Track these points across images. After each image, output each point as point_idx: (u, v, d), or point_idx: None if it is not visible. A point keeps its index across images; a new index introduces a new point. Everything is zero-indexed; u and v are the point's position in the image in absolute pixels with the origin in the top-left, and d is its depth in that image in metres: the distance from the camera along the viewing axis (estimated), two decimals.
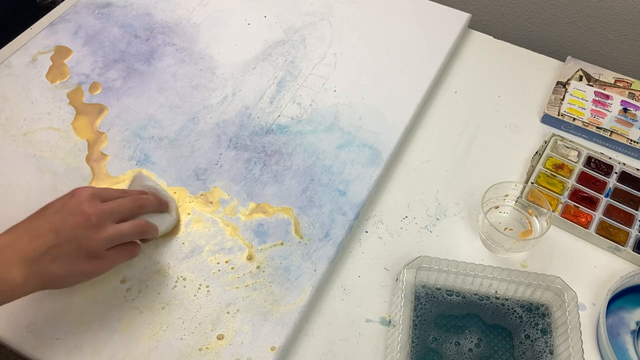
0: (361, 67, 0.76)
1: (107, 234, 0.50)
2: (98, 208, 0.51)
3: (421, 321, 0.57)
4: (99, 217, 0.50)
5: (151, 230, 0.55)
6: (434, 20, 0.82)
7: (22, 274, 0.46)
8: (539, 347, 0.56)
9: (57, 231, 0.48)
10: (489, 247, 0.62)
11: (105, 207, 0.51)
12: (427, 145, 0.71)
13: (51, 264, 0.48)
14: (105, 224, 0.51)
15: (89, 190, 0.52)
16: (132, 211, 0.54)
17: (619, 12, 0.86)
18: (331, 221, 0.62)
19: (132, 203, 0.54)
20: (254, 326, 0.55)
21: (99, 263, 0.51)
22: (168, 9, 0.82)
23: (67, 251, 0.48)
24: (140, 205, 0.55)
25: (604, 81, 0.76)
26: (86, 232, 0.49)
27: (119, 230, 0.51)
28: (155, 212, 0.58)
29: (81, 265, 0.49)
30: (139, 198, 0.56)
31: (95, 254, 0.50)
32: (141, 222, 0.54)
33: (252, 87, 0.74)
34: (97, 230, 0.50)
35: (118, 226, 0.51)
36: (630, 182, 0.67)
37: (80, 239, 0.49)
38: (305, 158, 0.67)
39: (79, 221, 0.49)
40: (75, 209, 0.50)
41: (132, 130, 0.69)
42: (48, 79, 0.74)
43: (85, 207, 0.50)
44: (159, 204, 0.58)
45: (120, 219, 0.52)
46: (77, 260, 0.49)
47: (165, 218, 0.59)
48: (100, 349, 0.53)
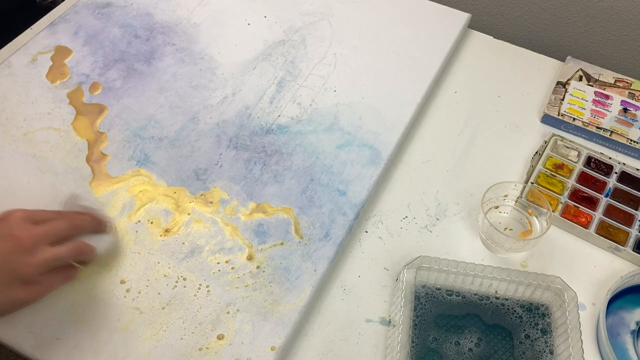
0: (361, 67, 0.77)
1: (42, 257, 0.47)
2: (31, 231, 0.48)
3: (421, 321, 0.57)
4: (32, 241, 0.47)
5: (89, 252, 0.52)
6: (434, 20, 0.82)
7: None
8: (539, 347, 0.56)
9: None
10: (489, 247, 0.62)
11: (39, 230, 0.48)
12: (427, 145, 0.71)
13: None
14: (39, 247, 0.47)
15: (20, 213, 0.49)
16: (67, 232, 0.50)
17: (619, 12, 0.86)
18: (331, 221, 0.62)
19: (68, 223, 0.51)
20: (254, 326, 0.55)
21: (33, 289, 0.48)
22: (168, 9, 0.82)
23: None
24: (75, 226, 0.51)
25: (604, 81, 0.76)
26: (19, 257, 0.46)
27: (55, 253, 0.48)
28: (92, 233, 0.54)
29: (14, 292, 0.47)
30: (74, 219, 0.52)
31: (29, 279, 0.47)
32: (78, 245, 0.51)
33: (252, 87, 0.74)
34: (30, 254, 0.47)
35: (54, 249, 0.48)
36: (630, 182, 0.67)
37: (12, 265, 0.46)
38: (305, 158, 0.67)
39: (10, 247, 0.46)
40: (6, 233, 0.47)
41: (132, 130, 0.69)
42: (48, 79, 0.74)
43: (16, 231, 0.47)
44: (96, 224, 0.54)
45: (55, 241, 0.49)
46: (9, 287, 0.46)
47: (103, 239, 0.55)
48: (100, 349, 0.53)
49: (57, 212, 0.53)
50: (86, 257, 0.52)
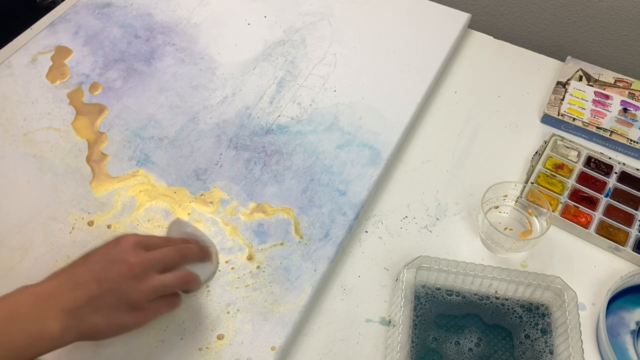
0: (361, 67, 0.77)
1: (151, 285, 0.48)
2: (142, 258, 0.48)
3: (421, 321, 0.57)
4: (143, 268, 0.48)
5: (194, 281, 0.52)
6: (434, 20, 0.82)
7: (60, 326, 0.44)
8: (539, 347, 0.56)
9: (99, 281, 0.46)
10: (489, 247, 0.62)
11: (150, 257, 0.49)
12: (427, 145, 0.71)
13: (91, 315, 0.45)
14: (149, 274, 0.48)
15: (133, 238, 0.50)
16: (175, 261, 0.51)
17: (619, 12, 0.86)
18: (331, 221, 0.62)
19: (176, 253, 0.51)
20: (254, 326, 0.55)
21: (140, 315, 0.48)
22: (168, 9, 0.82)
23: (108, 302, 0.46)
24: (183, 255, 0.52)
25: (604, 81, 0.76)
26: (129, 282, 0.47)
27: (163, 281, 0.49)
28: (197, 262, 0.54)
29: (122, 317, 0.47)
30: (183, 248, 0.52)
31: (137, 305, 0.47)
32: (185, 274, 0.51)
33: (252, 87, 0.74)
34: (140, 281, 0.47)
35: (162, 277, 0.49)
36: (630, 182, 0.67)
37: (123, 290, 0.47)
38: (305, 158, 0.67)
39: (122, 271, 0.47)
40: (119, 258, 0.48)
41: (132, 130, 0.69)
42: (48, 79, 0.74)
43: (129, 257, 0.48)
44: (201, 253, 0.54)
45: (163, 269, 0.49)
46: (118, 311, 0.47)
47: (207, 267, 0.54)
48: (101, 349, 0.53)
49: (167, 239, 0.53)
50: (190, 287, 0.52)
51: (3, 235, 0.60)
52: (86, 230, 0.61)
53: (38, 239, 0.60)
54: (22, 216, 0.62)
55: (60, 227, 0.61)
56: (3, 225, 0.61)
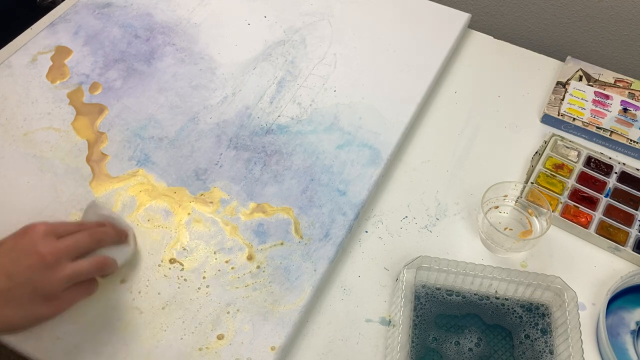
0: (361, 67, 0.77)
1: (64, 274, 0.47)
2: (53, 247, 0.47)
3: (421, 321, 0.57)
4: (55, 257, 0.47)
5: (110, 265, 0.52)
6: (434, 20, 0.82)
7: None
8: (539, 347, 0.56)
9: (9, 275, 0.45)
10: (489, 247, 0.62)
11: (62, 245, 0.48)
12: (427, 145, 0.71)
13: (4, 308, 0.45)
14: (62, 263, 0.47)
15: (42, 227, 0.48)
16: (89, 247, 0.51)
17: (619, 12, 0.86)
18: (331, 221, 0.62)
19: (90, 238, 0.51)
20: (254, 326, 0.55)
21: (55, 304, 0.48)
22: (168, 9, 0.82)
23: (20, 295, 0.45)
24: (97, 239, 0.52)
25: (604, 81, 0.76)
26: (42, 273, 0.46)
27: (77, 269, 0.48)
28: (113, 245, 0.54)
29: (36, 308, 0.46)
30: (96, 232, 0.52)
31: (51, 295, 0.47)
32: (99, 259, 0.51)
33: (252, 87, 0.74)
34: (53, 270, 0.46)
35: (75, 265, 0.48)
36: (630, 182, 0.67)
37: (35, 282, 0.46)
38: (305, 158, 0.67)
39: (33, 262, 0.46)
40: (29, 249, 0.47)
41: (132, 130, 0.69)
42: (48, 79, 0.74)
43: (39, 247, 0.47)
44: (117, 235, 0.54)
45: (77, 256, 0.49)
46: (31, 304, 0.46)
47: (124, 250, 0.55)
48: (100, 349, 0.53)
49: (79, 224, 0.53)
50: (107, 272, 0.52)
51: (3, 235, 0.60)
52: None
53: None
54: (22, 216, 0.62)
55: None
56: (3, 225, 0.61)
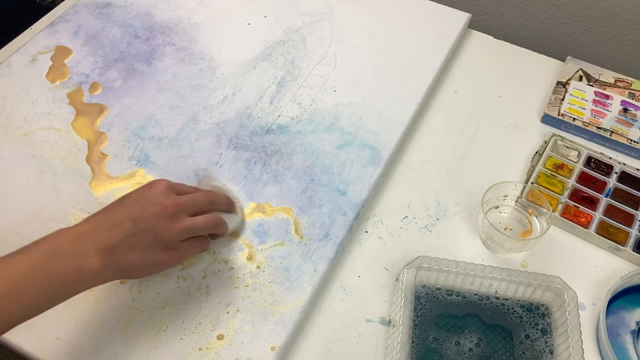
0: (361, 67, 0.76)
1: (183, 225, 0.51)
2: (175, 200, 0.52)
3: (421, 321, 0.57)
4: (175, 209, 0.51)
5: (223, 225, 0.56)
6: (434, 20, 0.82)
7: (98, 263, 0.47)
8: (539, 347, 0.56)
9: (134, 220, 0.49)
10: (489, 247, 0.62)
11: (182, 200, 0.52)
12: (427, 145, 0.71)
13: (127, 252, 0.48)
14: (181, 215, 0.52)
15: (165, 183, 0.53)
16: (205, 206, 0.55)
17: (619, 12, 0.86)
18: (331, 221, 0.62)
19: (206, 198, 0.56)
20: (254, 326, 0.55)
21: (172, 254, 0.51)
22: (168, 9, 0.82)
23: (143, 240, 0.49)
24: (212, 201, 0.57)
25: (604, 81, 0.76)
26: (163, 222, 0.50)
27: (194, 222, 0.52)
28: (224, 211, 0.59)
29: (156, 255, 0.50)
30: (212, 194, 0.57)
31: (170, 244, 0.51)
32: (215, 217, 0.55)
33: (252, 87, 0.74)
34: (173, 221, 0.51)
35: (193, 219, 0.53)
36: (630, 182, 0.67)
37: (157, 229, 0.50)
38: (305, 158, 0.67)
39: (156, 211, 0.50)
40: (153, 199, 0.51)
41: (132, 130, 0.69)
42: (48, 79, 0.74)
43: (162, 199, 0.51)
44: (228, 203, 0.59)
45: (194, 213, 0.53)
46: (152, 250, 0.50)
47: (232, 218, 0.59)
48: (100, 349, 0.53)
49: (196, 188, 0.58)
50: (219, 231, 0.56)
51: (3, 235, 0.60)
52: None
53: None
54: (22, 216, 0.62)
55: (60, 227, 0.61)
56: (3, 225, 0.61)
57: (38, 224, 0.61)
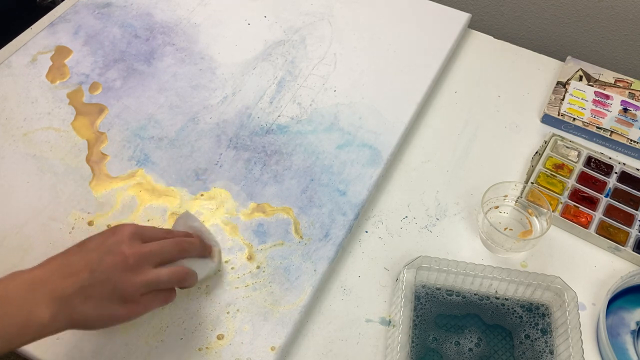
0: (361, 67, 0.76)
1: (144, 279, 0.47)
2: (138, 250, 0.47)
3: (421, 321, 0.57)
4: (137, 260, 0.47)
5: (189, 278, 0.51)
6: (434, 20, 0.82)
7: (49, 313, 0.43)
8: (539, 347, 0.56)
9: (92, 270, 0.45)
10: (489, 247, 0.62)
11: (146, 250, 0.48)
12: (427, 145, 0.71)
13: (82, 304, 0.45)
14: (143, 267, 0.47)
15: (131, 229, 0.49)
16: (172, 255, 0.50)
17: (619, 12, 0.86)
18: (331, 221, 0.62)
19: (175, 247, 0.51)
20: (254, 326, 0.55)
21: (131, 308, 0.47)
22: (168, 9, 0.82)
23: (100, 293, 0.45)
24: (182, 249, 0.51)
25: (604, 81, 0.76)
26: (122, 274, 0.46)
27: (157, 276, 0.48)
28: (197, 257, 0.54)
29: (113, 308, 0.46)
30: (182, 242, 0.52)
31: (129, 298, 0.47)
32: (181, 271, 0.50)
33: (252, 87, 0.74)
34: (133, 273, 0.47)
35: (156, 272, 0.48)
36: (630, 182, 0.67)
37: (114, 281, 0.46)
38: (305, 158, 0.67)
39: (116, 262, 0.46)
40: (114, 248, 0.47)
41: (132, 130, 0.69)
42: (48, 79, 0.74)
43: (124, 247, 0.47)
44: (202, 249, 0.54)
45: (159, 263, 0.49)
46: (109, 303, 0.46)
47: (207, 264, 0.55)
48: (100, 349, 0.53)
49: (167, 232, 0.53)
50: (185, 284, 0.51)
51: (3, 235, 0.60)
52: (86, 230, 0.61)
53: (38, 239, 0.60)
54: (22, 216, 0.62)
55: (60, 227, 0.61)
56: (3, 225, 0.61)
57: (38, 224, 0.61)
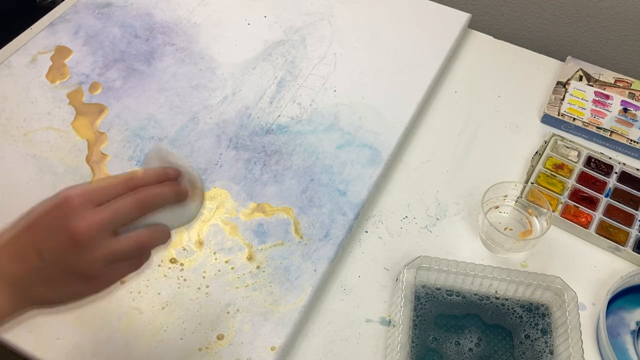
0: (361, 67, 0.76)
1: (101, 253, 0.40)
2: (88, 222, 0.40)
3: (421, 321, 0.57)
4: (88, 235, 0.40)
5: (158, 239, 0.44)
6: (434, 20, 0.82)
7: (7, 298, 0.40)
8: (539, 347, 0.56)
9: (40, 252, 0.40)
10: (489, 247, 0.62)
11: (97, 219, 0.40)
12: (427, 145, 0.71)
13: (39, 286, 0.41)
14: (97, 241, 0.40)
15: (77, 198, 0.41)
16: (133, 216, 0.43)
17: (619, 12, 0.86)
18: (331, 221, 0.62)
19: (135, 205, 0.42)
20: (254, 326, 0.55)
21: (95, 283, 0.42)
22: (168, 9, 0.82)
23: (54, 274, 0.41)
24: (144, 206, 0.43)
25: (604, 81, 0.76)
26: (74, 254, 0.40)
27: (115, 248, 0.41)
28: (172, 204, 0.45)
29: (74, 286, 0.42)
30: (144, 198, 0.43)
31: (89, 274, 0.41)
32: (143, 238, 0.43)
33: (252, 87, 0.74)
34: (87, 251, 0.40)
35: (114, 243, 0.41)
36: (630, 182, 0.67)
37: (67, 262, 0.40)
38: (305, 158, 0.67)
39: (63, 241, 0.40)
40: (60, 224, 0.40)
41: (132, 130, 0.69)
42: (48, 79, 0.74)
43: (72, 222, 0.40)
44: (175, 195, 0.45)
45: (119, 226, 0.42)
46: (68, 282, 0.41)
47: (183, 212, 0.46)
48: (100, 349, 0.53)
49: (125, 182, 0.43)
50: (157, 245, 0.44)
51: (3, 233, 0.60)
52: None
53: None
54: None
55: None
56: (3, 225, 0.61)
57: None
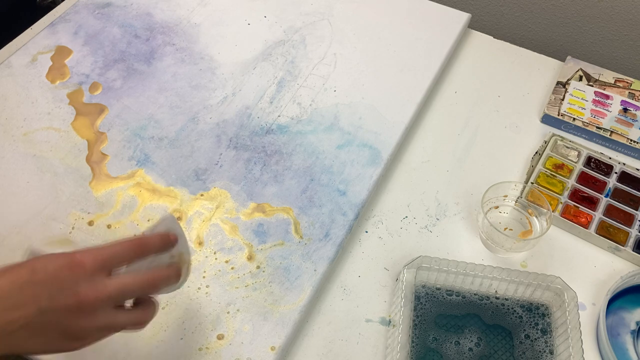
0: (361, 67, 0.76)
1: (99, 322, 0.42)
2: (96, 293, 0.41)
3: (421, 321, 0.57)
4: (94, 306, 0.41)
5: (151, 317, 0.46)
6: (434, 20, 0.82)
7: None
8: (539, 347, 0.56)
9: (40, 308, 0.40)
10: (489, 247, 0.62)
11: (106, 293, 0.42)
12: (427, 145, 0.71)
13: (27, 340, 0.40)
14: (99, 311, 0.42)
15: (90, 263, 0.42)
16: (138, 293, 0.45)
17: (619, 12, 0.86)
18: (331, 221, 0.62)
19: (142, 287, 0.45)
20: (254, 326, 0.55)
21: (81, 344, 0.43)
22: (168, 9, 0.82)
23: (47, 332, 0.41)
24: (152, 287, 0.45)
25: (604, 81, 0.76)
26: (75, 318, 0.41)
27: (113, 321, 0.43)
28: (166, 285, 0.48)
29: (60, 343, 0.42)
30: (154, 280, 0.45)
31: (79, 336, 0.42)
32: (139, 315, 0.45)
33: (252, 87, 0.74)
34: (87, 317, 0.41)
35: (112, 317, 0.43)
36: (630, 182, 0.67)
37: (66, 325, 0.41)
38: (305, 158, 0.67)
39: (69, 305, 0.41)
40: (70, 287, 0.41)
41: (132, 130, 0.69)
42: (48, 79, 0.74)
43: (82, 288, 0.41)
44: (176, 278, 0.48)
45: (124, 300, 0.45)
46: (56, 339, 0.42)
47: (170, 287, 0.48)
48: (100, 349, 0.53)
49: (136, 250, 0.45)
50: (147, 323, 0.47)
51: (3, 235, 0.60)
52: (86, 230, 0.61)
53: (38, 239, 0.60)
54: (22, 216, 0.62)
55: (60, 227, 0.61)
56: (3, 225, 0.61)
57: (38, 224, 0.61)
